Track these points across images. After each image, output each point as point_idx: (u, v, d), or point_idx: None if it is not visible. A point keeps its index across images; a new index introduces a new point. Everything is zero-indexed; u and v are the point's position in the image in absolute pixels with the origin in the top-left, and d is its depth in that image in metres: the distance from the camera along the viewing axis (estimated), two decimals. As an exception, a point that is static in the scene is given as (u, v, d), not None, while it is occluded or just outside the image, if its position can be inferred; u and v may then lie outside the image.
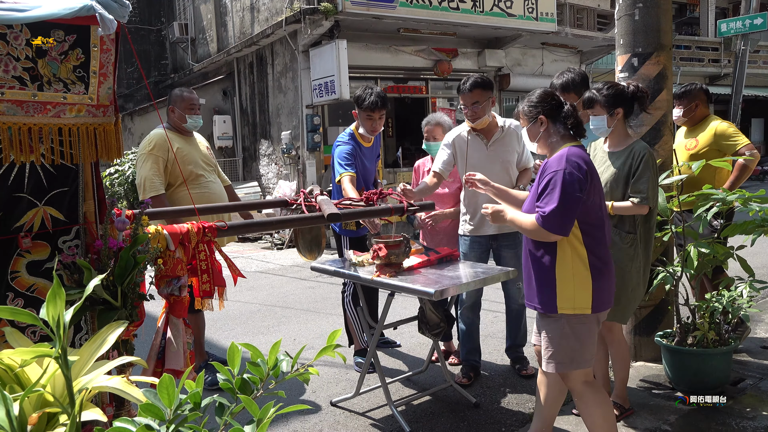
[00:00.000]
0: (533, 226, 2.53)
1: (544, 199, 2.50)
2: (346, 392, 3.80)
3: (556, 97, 2.70)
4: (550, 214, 2.45)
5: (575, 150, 2.58)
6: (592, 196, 2.54)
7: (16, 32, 1.72)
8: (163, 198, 3.82)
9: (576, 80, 3.62)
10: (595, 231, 2.58)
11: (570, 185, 2.46)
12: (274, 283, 7.19)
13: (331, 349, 1.16)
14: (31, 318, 1.01)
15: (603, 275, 2.60)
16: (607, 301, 2.64)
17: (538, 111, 2.68)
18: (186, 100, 4.06)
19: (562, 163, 2.50)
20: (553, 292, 2.57)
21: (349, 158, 4.08)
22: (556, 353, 2.62)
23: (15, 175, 1.81)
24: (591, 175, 2.54)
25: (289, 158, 11.25)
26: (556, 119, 2.67)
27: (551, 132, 2.68)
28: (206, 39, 14.98)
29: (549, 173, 2.53)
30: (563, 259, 2.56)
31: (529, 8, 11.95)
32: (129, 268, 1.89)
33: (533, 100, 2.71)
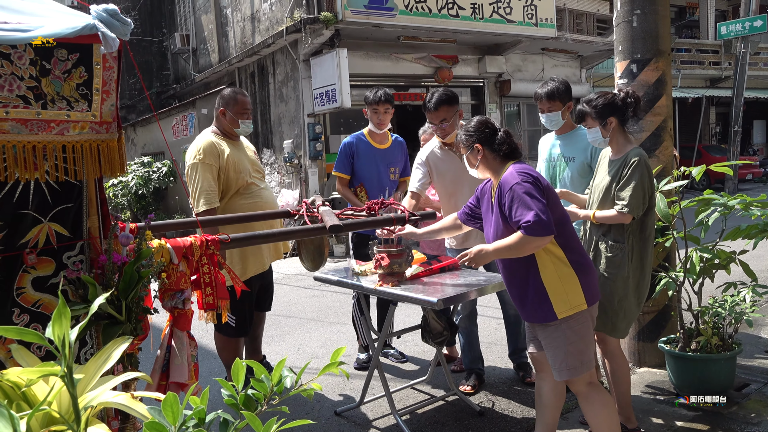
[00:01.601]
0: (522, 239, 2.54)
1: (517, 212, 2.55)
2: (350, 401, 3.80)
3: (491, 125, 2.82)
4: (534, 221, 2.48)
5: (520, 165, 2.72)
6: (549, 197, 2.63)
7: (20, 52, 1.74)
8: (216, 212, 3.52)
9: (560, 88, 3.63)
10: (563, 228, 2.66)
11: (532, 190, 2.56)
12: (278, 292, 7.16)
13: (335, 366, 1.17)
14: (37, 338, 1.03)
15: (585, 267, 2.69)
16: (595, 293, 2.71)
17: (474, 139, 2.79)
18: (240, 104, 3.74)
19: (515, 176, 2.62)
20: (547, 301, 2.61)
21: (341, 158, 4.49)
22: (566, 360, 2.64)
23: (20, 193, 1.83)
24: (542, 181, 2.66)
25: (292, 167, 11.29)
26: (491, 146, 2.77)
27: (489, 158, 2.79)
28: (208, 49, 15.06)
29: (507, 190, 2.61)
30: (545, 266, 2.62)
31: (529, 14, 12.00)
32: (133, 282, 1.91)
33: (470, 129, 2.82)
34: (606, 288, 3.03)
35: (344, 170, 4.53)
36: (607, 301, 3.04)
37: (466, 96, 13.28)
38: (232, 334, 3.71)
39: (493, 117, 13.14)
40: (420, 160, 3.95)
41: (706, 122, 20.06)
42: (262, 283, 3.85)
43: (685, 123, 18.94)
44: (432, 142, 3.98)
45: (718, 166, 3.65)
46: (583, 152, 3.54)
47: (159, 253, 2.10)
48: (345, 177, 4.54)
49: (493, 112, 13.28)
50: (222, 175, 3.58)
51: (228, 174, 3.59)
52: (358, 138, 4.54)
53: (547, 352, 2.72)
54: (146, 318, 2.03)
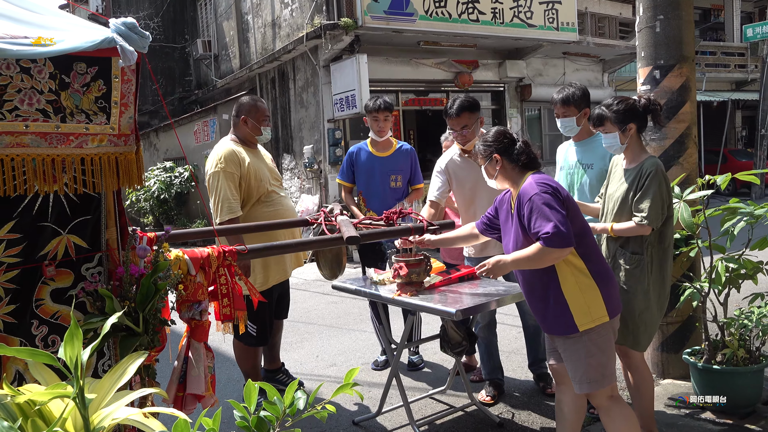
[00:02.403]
0: (541, 251, 2.50)
1: (536, 223, 2.52)
2: (368, 411, 3.78)
3: (509, 135, 2.79)
4: (553, 232, 2.45)
5: (539, 175, 2.69)
6: (569, 208, 2.60)
7: (39, 66, 1.76)
8: (238, 221, 3.52)
9: (576, 94, 3.57)
10: (583, 239, 2.62)
11: (551, 201, 2.52)
12: (297, 298, 7.20)
13: (349, 387, 1.15)
14: (49, 359, 1.03)
15: (606, 279, 2.64)
16: (617, 305, 2.67)
17: (492, 150, 2.76)
18: (261, 111, 3.76)
19: (534, 187, 2.59)
20: (568, 314, 2.57)
21: (343, 166, 4.67)
22: (587, 372, 2.60)
23: (39, 205, 1.85)
24: (562, 191, 2.63)
25: (311, 172, 11.32)
26: (510, 156, 2.74)
27: (507, 168, 2.76)
28: (229, 55, 15.19)
29: (526, 201, 2.58)
30: (565, 277, 2.59)
31: (550, 18, 11.90)
32: (150, 294, 1.91)
33: (488, 140, 2.79)
34: (627, 301, 2.97)
35: (345, 178, 4.67)
36: (628, 315, 2.98)
37: (487, 101, 13.22)
38: (253, 343, 3.71)
39: (514, 122, 13.12)
40: (439, 168, 3.92)
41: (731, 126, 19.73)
42: (280, 291, 3.85)
43: (710, 127, 18.64)
44: (451, 150, 3.96)
45: (743, 175, 3.57)
46: (601, 159, 3.47)
47: (176, 264, 2.10)
48: (347, 185, 4.68)
49: (514, 116, 13.19)
50: (243, 183, 3.58)
51: (249, 182, 3.59)
52: (360, 146, 4.61)
53: (568, 364, 2.67)
54: (164, 329, 2.03)
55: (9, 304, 1.81)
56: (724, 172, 3.89)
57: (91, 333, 1.83)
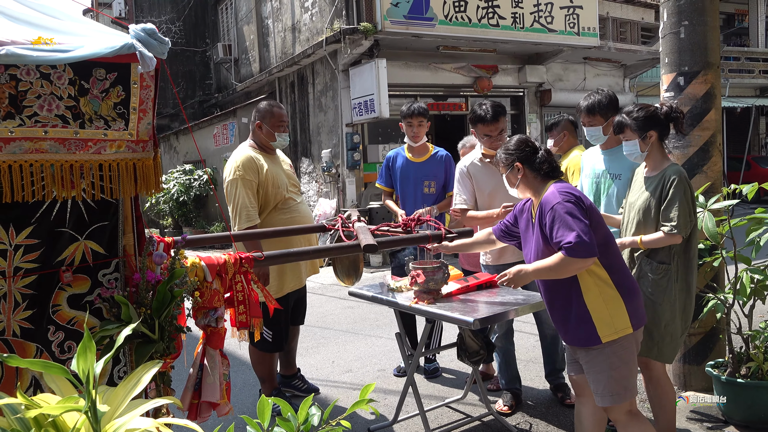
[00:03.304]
0: (563, 261, 2.46)
1: (558, 232, 2.48)
2: (385, 418, 3.75)
3: (531, 144, 2.76)
4: (575, 242, 2.40)
5: (561, 184, 2.65)
6: (592, 218, 2.55)
7: (59, 72, 1.76)
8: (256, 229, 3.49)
9: (603, 102, 3.51)
10: (607, 249, 2.57)
11: (574, 210, 2.48)
12: (314, 303, 7.19)
13: (365, 403, 1.12)
14: (62, 371, 1.02)
15: (631, 290, 2.59)
16: (642, 316, 2.62)
17: (514, 158, 2.74)
18: (276, 116, 3.73)
19: (556, 196, 2.55)
20: (591, 325, 2.52)
21: (381, 171, 4.73)
22: (609, 385, 2.54)
23: (57, 211, 1.85)
24: (585, 200, 2.59)
25: (329, 176, 11.33)
26: (532, 165, 2.71)
27: (529, 177, 2.73)
28: (249, 59, 15.28)
29: (548, 210, 2.54)
30: (588, 288, 2.54)
31: (571, 23, 11.81)
32: (166, 302, 1.90)
33: (510, 148, 2.77)
34: (652, 312, 2.92)
35: (383, 182, 4.74)
36: (654, 326, 2.92)
37: (506, 106, 13.14)
38: (269, 349, 3.71)
39: (533, 127, 13.03)
40: (462, 172, 3.89)
41: (755, 132, 19.40)
42: (296, 297, 3.84)
43: (734, 133, 18.35)
44: (471, 155, 3.92)
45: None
46: (629, 169, 3.39)
47: (193, 271, 2.10)
48: (386, 189, 4.74)
49: (533, 122, 13.10)
50: (261, 190, 3.58)
51: (267, 189, 3.59)
52: (397, 151, 4.67)
53: (589, 376, 2.62)
54: (179, 336, 2.02)
55: (26, 310, 1.81)
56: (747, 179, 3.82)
57: (107, 339, 1.83)
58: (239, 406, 4.00)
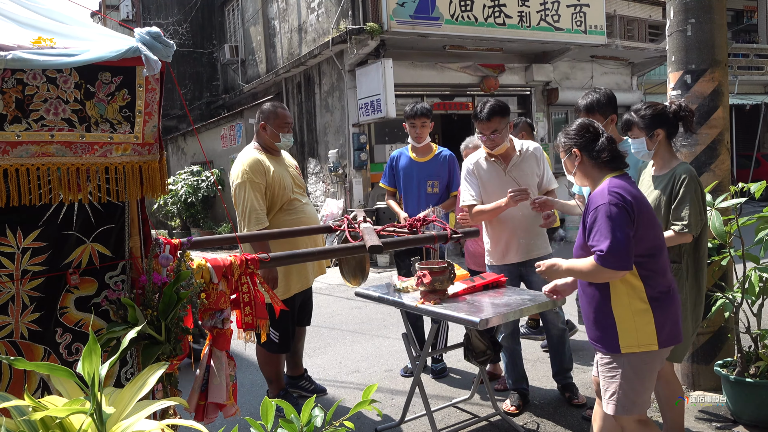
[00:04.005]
0: (593, 268, 2.39)
1: (595, 236, 2.38)
2: (391, 418, 3.75)
3: (593, 129, 2.60)
4: (609, 252, 2.32)
5: (617, 181, 2.49)
6: (642, 227, 2.43)
7: (65, 76, 1.77)
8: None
9: (601, 101, 3.49)
10: (650, 262, 2.46)
11: (617, 216, 2.35)
12: (321, 303, 7.21)
13: (368, 404, 1.13)
14: (68, 374, 1.03)
15: (665, 307, 2.46)
16: (673, 335, 2.49)
17: (572, 143, 2.60)
18: (280, 117, 3.72)
19: (605, 196, 2.41)
20: (614, 331, 2.45)
21: (385, 170, 4.75)
22: (617, 395, 2.48)
23: (64, 214, 1.86)
24: (638, 205, 2.43)
25: (336, 176, 11.35)
26: (591, 152, 2.57)
27: (587, 165, 2.59)
28: (256, 60, 15.32)
29: (593, 208, 2.43)
30: (618, 296, 2.45)
31: (578, 21, 11.77)
32: (173, 303, 1.91)
33: (570, 132, 2.63)
34: None
35: (387, 182, 4.75)
36: None
37: (513, 105, 13.10)
38: (275, 350, 3.72)
39: (540, 126, 12.98)
40: (468, 171, 3.89)
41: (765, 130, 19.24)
42: (303, 298, 3.84)
43: (743, 131, 18.24)
44: (477, 153, 3.91)
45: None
46: (633, 167, 3.38)
47: (199, 273, 2.10)
48: (390, 189, 4.76)
49: (540, 120, 13.06)
50: (268, 192, 3.59)
51: (274, 191, 3.60)
52: (401, 151, 4.69)
53: (601, 379, 2.57)
54: (186, 338, 2.03)
55: (34, 312, 1.82)
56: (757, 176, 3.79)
57: (114, 341, 1.84)
58: (247, 407, 4.02)
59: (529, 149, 3.79)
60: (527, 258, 3.75)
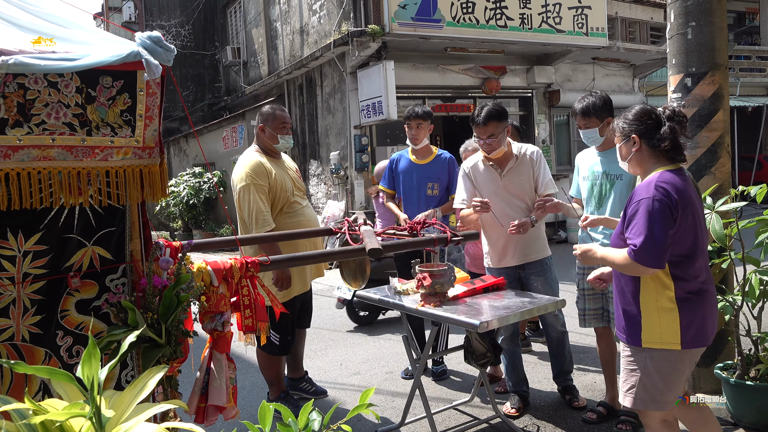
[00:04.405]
0: (626, 261, 2.36)
1: (632, 230, 2.35)
2: (391, 421, 3.76)
3: (654, 116, 2.51)
4: (642, 247, 2.29)
5: (667, 175, 2.41)
6: (684, 226, 2.37)
7: (66, 80, 1.78)
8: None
9: (597, 104, 3.50)
10: (686, 263, 2.41)
11: (658, 213, 2.31)
12: (322, 305, 7.21)
13: (365, 407, 1.13)
14: (68, 378, 1.04)
15: (695, 309, 2.41)
16: (701, 338, 2.43)
17: (632, 129, 2.52)
18: (278, 119, 3.73)
19: (650, 190, 2.36)
20: (638, 324, 2.44)
21: (385, 173, 4.75)
22: (636, 389, 2.46)
23: (65, 217, 1.87)
24: (683, 204, 2.36)
25: (338, 178, 11.36)
26: (651, 140, 2.48)
27: (645, 153, 2.50)
28: (258, 62, 15.35)
29: (635, 201, 2.38)
30: (647, 291, 2.43)
31: (579, 23, 11.77)
32: (173, 306, 1.92)
33: (629, 118, 2.55)
34: None
35: (387, 184, 4.75)
36: None
37: (515, 107, 13.11)
38: (276, 352, 3.73)
39: (542, 128, 12.99)
40: (464, 172, 3.90)
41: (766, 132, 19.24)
42: (302, 300, 3.85)
43: (745, 133, 18.22)
44: (475, 156, 3.92)
45: None
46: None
47: (199, 276, 2.11)
48: (389, 191, 4.74)
49: (542, 122, 13.07)
50: (270, 194, 3.60)
51: (275, 193, 3.61)
52: (401, 153, 4.70)
53: (621, 371, 2.54)
54: (186, 340, 2.04)
55: (35, 315, 1.83)
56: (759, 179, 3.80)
57: (115, 344, 1.85)
58: (248, 409, 4.02)
59: (526, 153, 3.78)
60: (525, 261, 3.75)
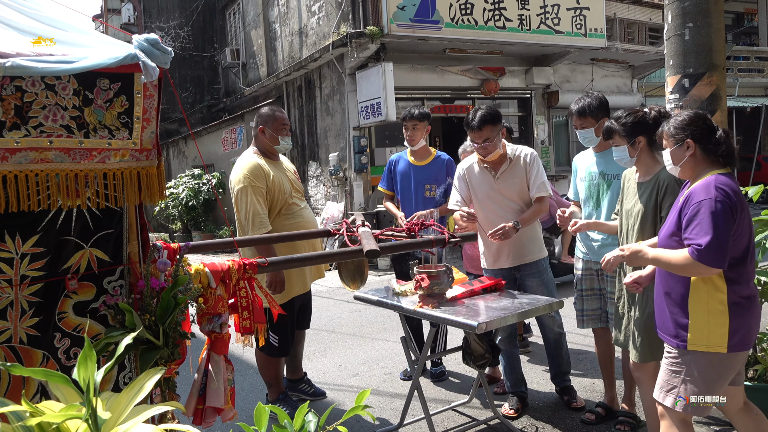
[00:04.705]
0: (687, 261, 2.33)
1: (694, 230, 2.32)
2: (390, 422, 3.76)
3: (709, 121, 2.50)
4: (707, 248, 2.26)
5: (723, 178, 2.40)
6: (740, 229, 2.37)
7: (64, 83, 1.79)
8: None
9: (593, 104, 3.52)
10: (740, 265, 2.40)
11: (721, 214, 2.29)
12: (321, 306, 7.22)
13: (361, 409, 1.14)
14: (64, 381, 1.04)
15: (744, 313, 2.40)
16: (746, 342, 2.42)
17: (686, 134, 2.48)
18: (278, 120, 3.73)
19: (711, 191, 2.34)
20: (685, 326, 2.42)
21: (384, 174, 4.74)
22: (678, 391, 2.44)
23: (63, 219, 1.88)
24: (740, 206, 2.36)
25: (337, 179, 11.36)
26: (706, 145, 2.46)
27: (698, 158, 2.48)
28: (257, 64, 15.36)
29: (695, 202, 2.36)
30: (698, 293, 2.41)
31: (578, 24, 11.79)
32: (170, 308, 1.92)
33: (683, 122, 2.51)
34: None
35: (385, 185, 4.75)
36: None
37: (513, 108, 13.14)
38: (275, 353, 3.73)
39: (541, 129, 13.00)
40: (459, 174, 3.92)
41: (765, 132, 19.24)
42: (301, 301, 3.86)
43: (744, 133, 18.24)
44: (471, 158, 3.92)
45: None
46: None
47: (197, 278, 2.12)
48: (388, 193, 4.75)
49: (541, 123, 13.08)
50: (268, 196, 3.60)
51: (273, 195, 3.61)
52: (400, 155, 4.71)
53: (663, 370, 2.52)
54: (184, 342, 2.04)
55: (32, 317, 1.84)
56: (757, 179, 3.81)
57: (112, 346, 1.85)
58: (247, 411, 4.02)
59: (520, 156, 3.76)
60: (520, 263, 3.76)
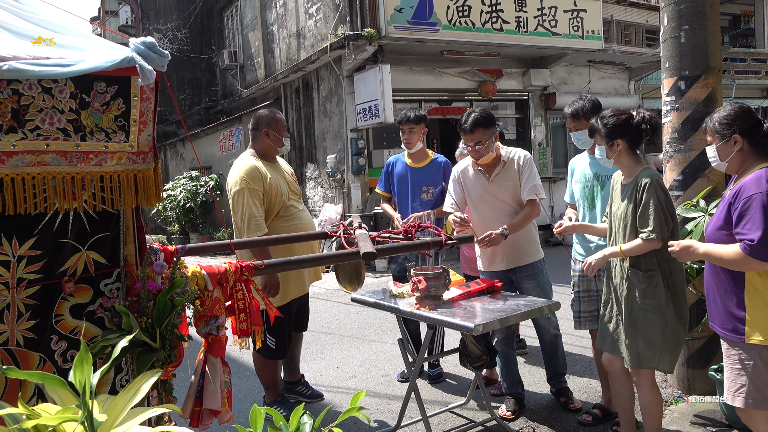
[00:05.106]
0: (739, 256, 2.33)
1: (745, 225, 2.31)
2: (387, 424, 3.76)
3: (755, 115, 2.48)
4: (759, 243, 2.25)
5: None
6: None
7: (60, 86, 1.79)
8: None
9: (586, 107, 3.55)
10: None
11: None
12: (318, 308, 7.22)
13: (356, 411, 1.14)
14: (60, 383, 1.04)
15: None
16: None
17: (733, 129, 2.47)
18: (280, 122, 3.75)
19: (762, 185, 2.32)
20: (742, 321, 2.41)
21: (381, 176, 4.76)
22: (747, 389, 2.43)
23: (59, 222, 1.88)
24: None
25: (335, 181, 11.37)
26: (754, 139, 2.45)
27: (746, 152, 2.47)
28: (254, 66, 15.36)
29: (746, 196, 2.34)
30: (754, 286, 2.40)
31: (575, 26, 11.81)
32: (167, 311, 1.92)
33: (729, 117, 2.49)
34: (646, 322, 2.89)
35: (383, 187, 4.77)
36: (653, 335, 2.89)
37: (511, 109, 13.16)
38: (272, 355, 3.73)
39: (538, 130, 13.02)
40: (454, 176, 3.94)
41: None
42: (299, 304, 3.86)
43: (741, 135, 18.26)
44: (466, 160, 3.94)
45: None
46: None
47: (193, 280, 2.12)
48: (385, 195, 4.76)
49: (538, 125, 13.10)
50: (265, 199, 3.60)
51: (270, 197, 3.61)
52: (398, 157, 4.72)
53: (726, 371, 2.51)
54: (181, 344, 2.05)
55: (29, 320, 1.84)
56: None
57: (109, 348, 1.85)
58: (244, 413, 4.02)
59: (513, 158, 3.77)
60: (515, 265, 3.77)
